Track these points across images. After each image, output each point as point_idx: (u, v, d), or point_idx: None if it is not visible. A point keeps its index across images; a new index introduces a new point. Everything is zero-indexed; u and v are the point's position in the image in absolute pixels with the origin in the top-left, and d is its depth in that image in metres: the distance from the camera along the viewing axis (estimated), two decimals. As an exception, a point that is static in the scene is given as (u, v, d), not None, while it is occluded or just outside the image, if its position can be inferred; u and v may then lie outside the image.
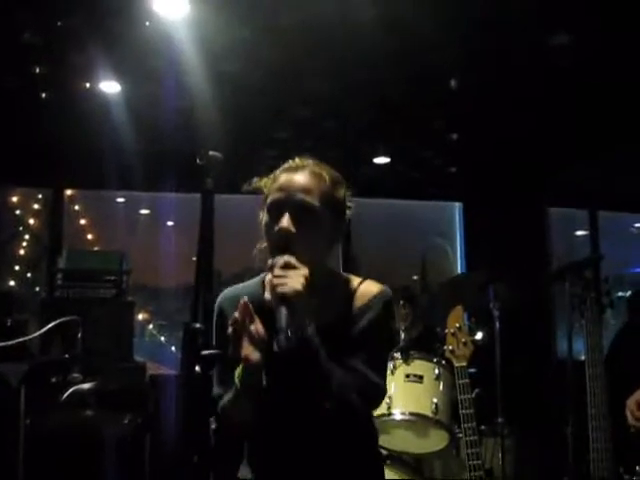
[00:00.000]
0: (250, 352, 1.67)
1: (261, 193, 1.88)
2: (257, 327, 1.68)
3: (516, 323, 4.48)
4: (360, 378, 1.75)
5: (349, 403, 1.72)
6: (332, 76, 4.47)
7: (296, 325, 1.63)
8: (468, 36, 4.04)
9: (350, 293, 1.87)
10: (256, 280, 1.97)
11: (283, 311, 1.62)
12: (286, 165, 1.88)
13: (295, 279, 1.65)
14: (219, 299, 1.95)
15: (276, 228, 1.76)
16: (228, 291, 1.98)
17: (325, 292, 1.83)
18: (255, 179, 1.90)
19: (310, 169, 1.82)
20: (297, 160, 1.88)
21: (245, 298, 1.69)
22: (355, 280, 1.91)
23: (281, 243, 1.74)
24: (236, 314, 1.68)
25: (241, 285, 2.00)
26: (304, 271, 1.68)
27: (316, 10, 3.67)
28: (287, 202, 1.77)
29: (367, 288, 1.87)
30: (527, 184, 6.44)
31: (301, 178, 1.80)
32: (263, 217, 1.85)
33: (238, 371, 1.74)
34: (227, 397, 1.83)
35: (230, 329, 1.67)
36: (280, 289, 1.64)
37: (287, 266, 1.68)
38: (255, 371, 1.70)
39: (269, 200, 1.82)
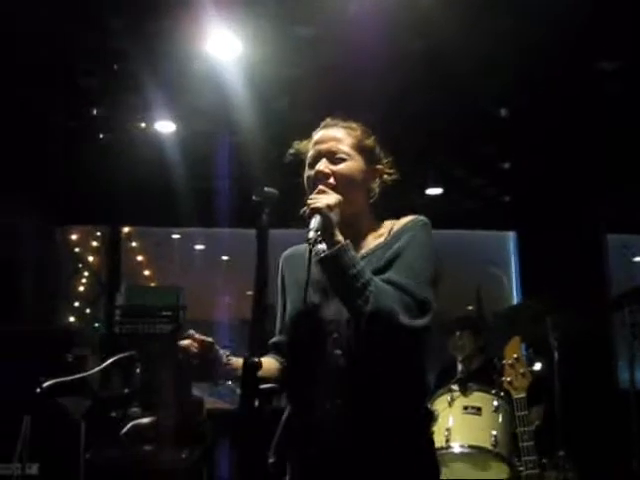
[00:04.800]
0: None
1: (303, 157, 2.03)
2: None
3: (576, 353, 4.39)
4: (399, 288, 1.77)
5: (387, 308, 1.72)
6: (382, 108, 4.50)
7: (328, 232, 1.76)
8: (519, 63, 4.04)
9: (390, 228, 1.98)
10: None
11: (317, 217, 1.75)
12: (321, 125, 2.04)
13: (328, 197, 1.81)
14: (281, 259, 2.11)
15: (313, 172, 1.93)
16: (287, 251, 2.13)
17: (367, 233, 1.99)
18: (296, 142, 2.07)
19: (340, 124, 2.01)
20: (328, 119, 2.04)
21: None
22: (392, 220, 2.02)
23: (318, 183, 1.89)
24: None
25: (297, 246, 2.11)
26: (337, 195, 1.83)
27: (361, 44, 3.72)
28: (322, 151, 1.95)
29: (403, 219, 1.97)
30: (583, 210, 6.35)
31: (333, 131, 1.99)
32: (305, 175, 1.99)
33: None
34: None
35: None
36: (313, 205, 1.78)
37: (320, 192, 1.84)
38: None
39: (308, 155, 1.99)
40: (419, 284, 1.79)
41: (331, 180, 1.90)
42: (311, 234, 1.71)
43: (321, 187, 1.85)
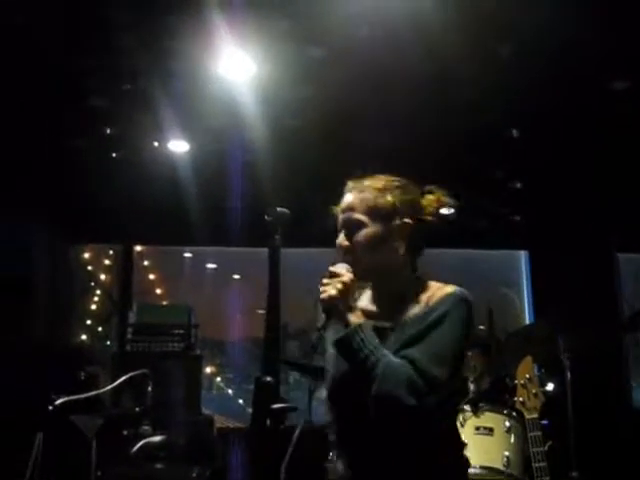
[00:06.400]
0: None
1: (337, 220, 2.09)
2: None
3: (588, 373, 4.36)
4: (408, 366, 1.77)
5: (389, 392, 1.76)
6: (393, 128, 4.52)
7: (338, 318, 1.85)
8: (529, 84, 4.05)
9: (428, 295, 1.96)
10: None
11: (321, 314, 1.85)
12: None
13: (332, 286, 1.86)
14: None
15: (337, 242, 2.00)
16: None
17: (402, 295, 1.98)
18: (334, 208, 2.09)
19: (356, 188, 2.03)
20: (350, 182, 2.07)
21: None
22: (435, 284, 2.00)
23: (339, 257, 1.97)
24: None
25: None
26: (346, 278, 1.88)
27: (374, 64, 3.75)
28: (341, 222, 2.01)
29: (443, 289, 1.96)
30: (594, 230, 6.33)
31: (348, 198, 2.02)
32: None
33: None
34: None
35: None
36: (321, 297, 1.87)
37: (331, 275, 1.90)
38: None
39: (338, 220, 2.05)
40: (435, 362, 1.80)
41: (351, 248, 1.97)
42: (317, 337, 1.85)
43: (331, 268, 1.92)
